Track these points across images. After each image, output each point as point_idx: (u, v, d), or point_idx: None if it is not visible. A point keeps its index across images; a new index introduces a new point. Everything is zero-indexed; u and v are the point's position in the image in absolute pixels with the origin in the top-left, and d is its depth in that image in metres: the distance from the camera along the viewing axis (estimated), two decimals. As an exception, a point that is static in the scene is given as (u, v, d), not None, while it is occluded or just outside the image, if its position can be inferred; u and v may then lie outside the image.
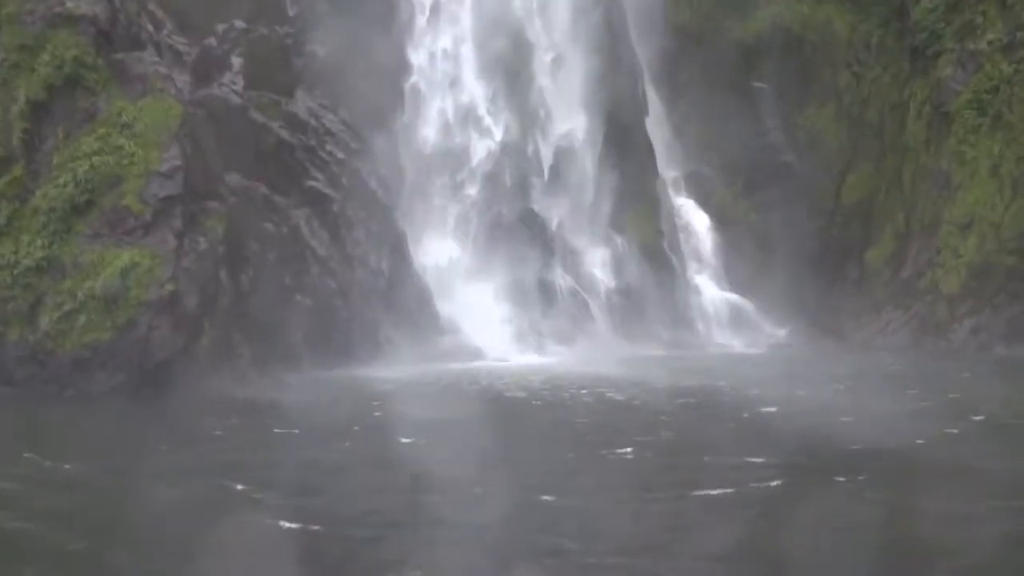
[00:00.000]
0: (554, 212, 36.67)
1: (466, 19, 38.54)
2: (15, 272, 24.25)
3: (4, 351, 24.39)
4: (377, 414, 21.19)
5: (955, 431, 16.36)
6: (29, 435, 19.44)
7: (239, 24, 33.67)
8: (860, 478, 12.75)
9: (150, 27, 29.99)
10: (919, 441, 15.24)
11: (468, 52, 38.37)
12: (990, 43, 32.66)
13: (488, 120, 37.63)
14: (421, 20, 38.51)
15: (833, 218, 37.93)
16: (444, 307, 33.82)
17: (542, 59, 38.42)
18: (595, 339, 34.30)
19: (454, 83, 38.23)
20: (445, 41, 38.39)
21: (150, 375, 24.23)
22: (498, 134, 37.33)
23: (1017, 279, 29.41)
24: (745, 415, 19.09)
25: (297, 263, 31.07)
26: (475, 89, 38.16)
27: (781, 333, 36.06)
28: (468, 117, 37.83)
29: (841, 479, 12.72)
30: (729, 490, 12.29)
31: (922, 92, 35.20)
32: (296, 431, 18.70)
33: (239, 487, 13.20)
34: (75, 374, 24.14)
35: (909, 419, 17.29)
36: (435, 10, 38.85)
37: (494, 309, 34.59)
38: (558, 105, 37.94)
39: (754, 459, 14.26)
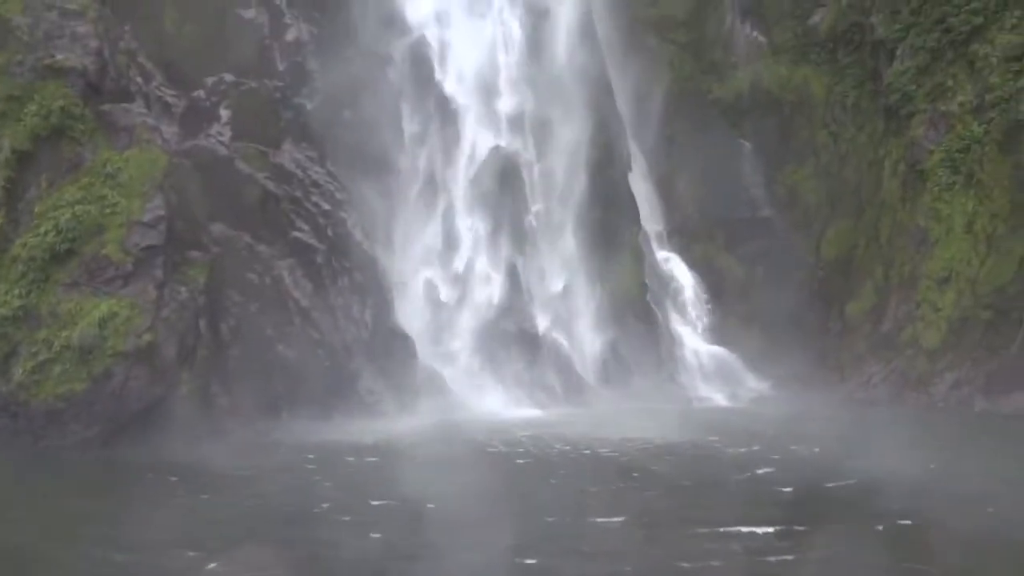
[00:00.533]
0: (537, 265, 36.83)
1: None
2: (-9, 322, 23.94)
3: (-25, 402, 23.91)
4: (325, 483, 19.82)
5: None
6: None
7: (228, 77, 34.09)
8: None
9: (139, 79, 30.35)
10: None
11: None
12: (960, 105, 33.64)
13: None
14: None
15: (814, 272, 38.37)
16: (428, 360, 33.57)
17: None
18: (580, 392, 34.09)
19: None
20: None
21: (125, 426, 23.77)
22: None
23: (994, 333, 29.67)
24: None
25: (279, 313, 30.87)
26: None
27: (764, 386, 36.03)
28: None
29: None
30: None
31: (897, 151, 36.07)
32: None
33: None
34: (49, 425, 23.65)
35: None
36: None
37: (477, 362, 34.40)
38: (545, 167, 38.32)
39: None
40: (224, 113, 34.33)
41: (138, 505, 17.21)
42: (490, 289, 35.93)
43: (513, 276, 36.05)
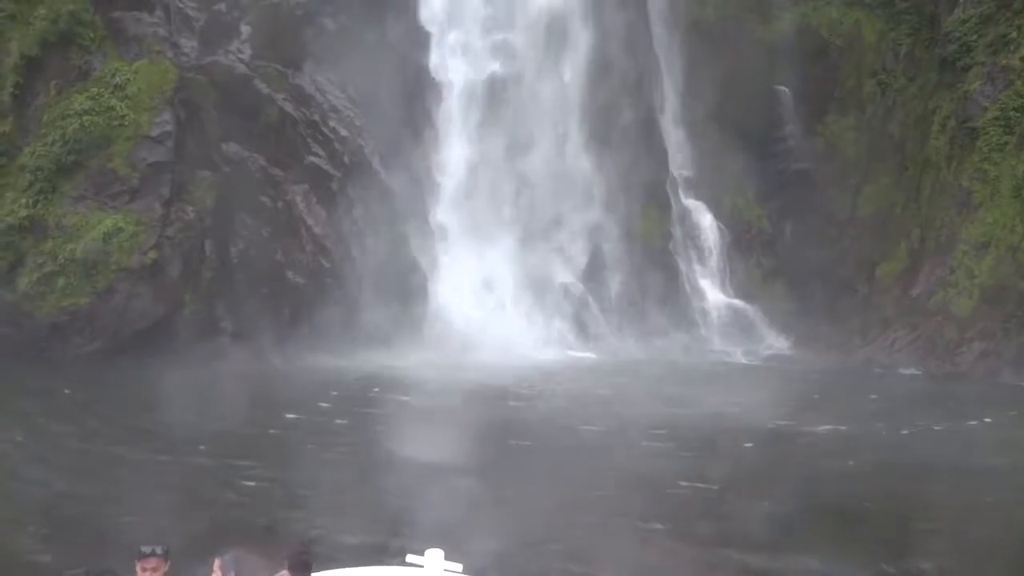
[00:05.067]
0: (560, 208, 35.70)
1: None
2: (-2, 230, 23.75)
3: (-18, 310, 23.94)
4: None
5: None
6: None
7: (250, -9, 32.89)
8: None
9: (158, -12, 29.28)
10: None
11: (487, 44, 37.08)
12: (1023, 59, 31.37)
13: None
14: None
15: (846, 230, 36.79)
16: (440, 296, 33.02)
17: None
18: (593, 340, 33.42)
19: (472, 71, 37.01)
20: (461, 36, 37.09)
21: (128, 343, 23.70)
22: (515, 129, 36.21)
23: (1031, 305, 28.25)
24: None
25: (290, 239, 30.36)
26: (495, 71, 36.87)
27: (783, 344, 35.03)
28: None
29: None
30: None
31: (948, 105, 33.94)
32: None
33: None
34: (52, 337, 23.66)
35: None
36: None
37: (490, 302, 33.77)
38: (577, 102, 36.71)
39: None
40: (245, 29, 33.19)
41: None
42: (510, 229, 34.99)
43: (533, 216, 35.07)
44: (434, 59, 36.36)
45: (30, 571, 9.30)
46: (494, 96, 36.31)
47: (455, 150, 35.97)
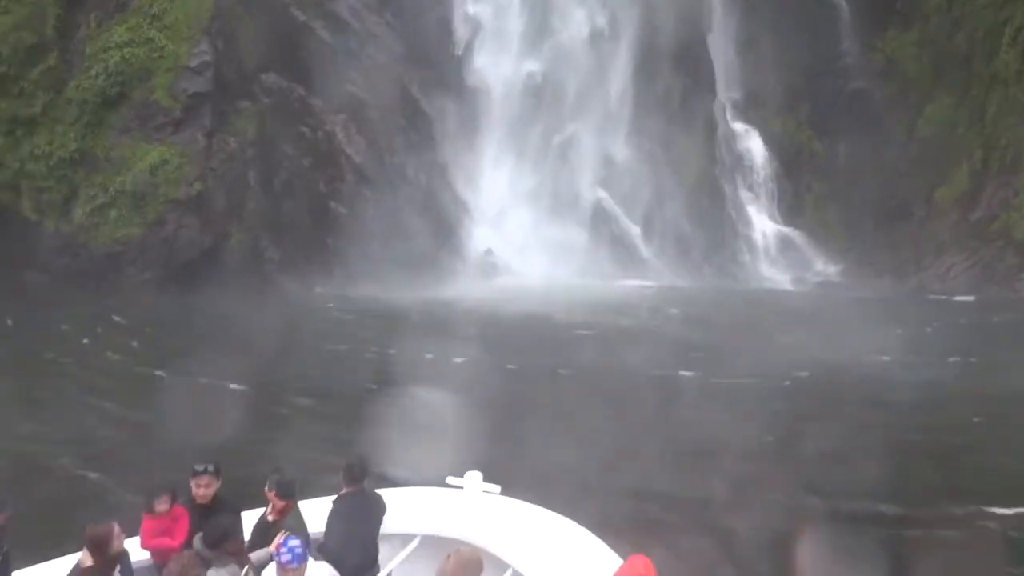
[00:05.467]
0: (602, 133, 34.87)
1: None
2: (50, 163, 24.41)
3: (41, 241, 24.84)
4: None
5: None
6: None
7: (283, -85, 32.14)
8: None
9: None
10: None
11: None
12: (1107, -39, 28.91)
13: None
14: None
15: (905, 152, 35.16)
16: (482, 224, 32.96)
17: None
18: (635, 267, 33.05)
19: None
20: None
21: (178, 272, 24.41)
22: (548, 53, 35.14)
23: (1101, 229, 26.83)
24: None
25: (332, 169, 30.52)
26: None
27: (833, 271, 34.15)
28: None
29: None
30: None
31: (1021, 16, 31.64)
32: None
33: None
34: (108, 267, 24.50)
35: None
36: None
37: (533, 230, 33.57)
38: (615, 17, 35.39)
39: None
40: (279, -45, 32.68)
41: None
42: (551, 154, 34.42)
43: (575, 140, 34.39)
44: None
45: (83, 490, 9.82)
46: (534, 12, 35.32)
47: (497, 69, 35.21)
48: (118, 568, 4.74)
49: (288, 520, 5.30)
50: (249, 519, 5.48)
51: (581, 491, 9.11)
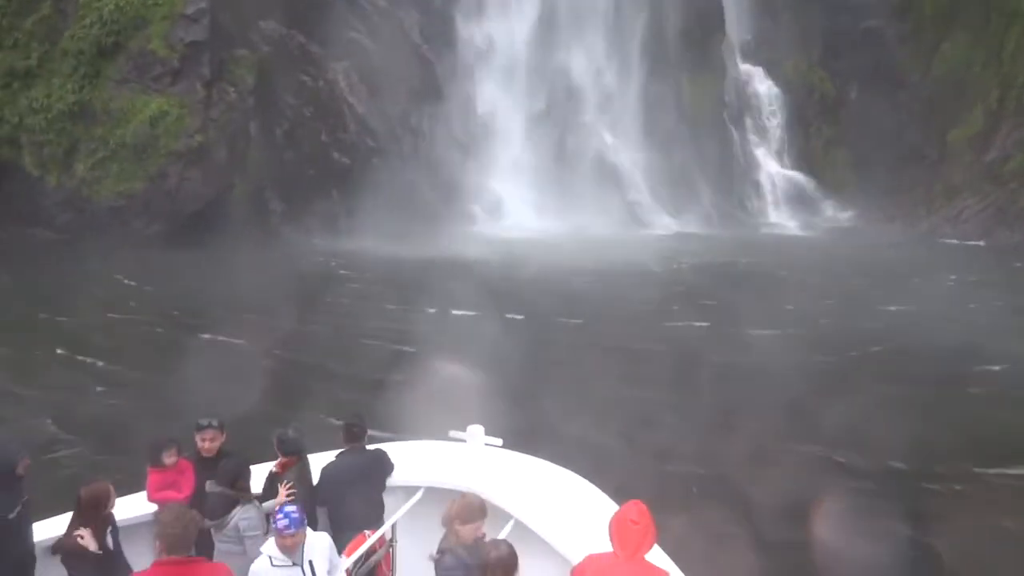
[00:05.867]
0: (605, 76, 34.10)
1: None
2: (49, 116, 24.11)
3: (45, 196, 24.71)
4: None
5: None
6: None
7: None
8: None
9: None
10: None
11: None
12: None
13: None
14: None
15: (918, 92, 34.36)
16: (484, 171, 32.57)
17: None
18: (640, 215, 32.72)
19: None
20: None
21: (183, 225, 24.28)
22: None
23: (1118, 169, 26.30)
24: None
25: (334, 119, 30.05)
26: None
27: (843, 216, 33.79)
28: None
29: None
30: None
31: (1043, -53, 30.50)
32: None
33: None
34: (112, 221, 24.39)
35: None
36: None
37: (539, 180, 33.17)
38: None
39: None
40: None
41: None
42: (548, 99, 33.73)
43: (578, 89, 33.69)
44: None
45: (88, 451, 9.89)
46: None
47: (498, 23, 34.34)
48: (109, 529, 4.79)
49: (289, 473, 5.38)
50: (259, 472, 5.53)
51: (579, 446, 9.13)
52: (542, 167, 32.89)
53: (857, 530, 7.78)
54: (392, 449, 5.95)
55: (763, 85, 35.74)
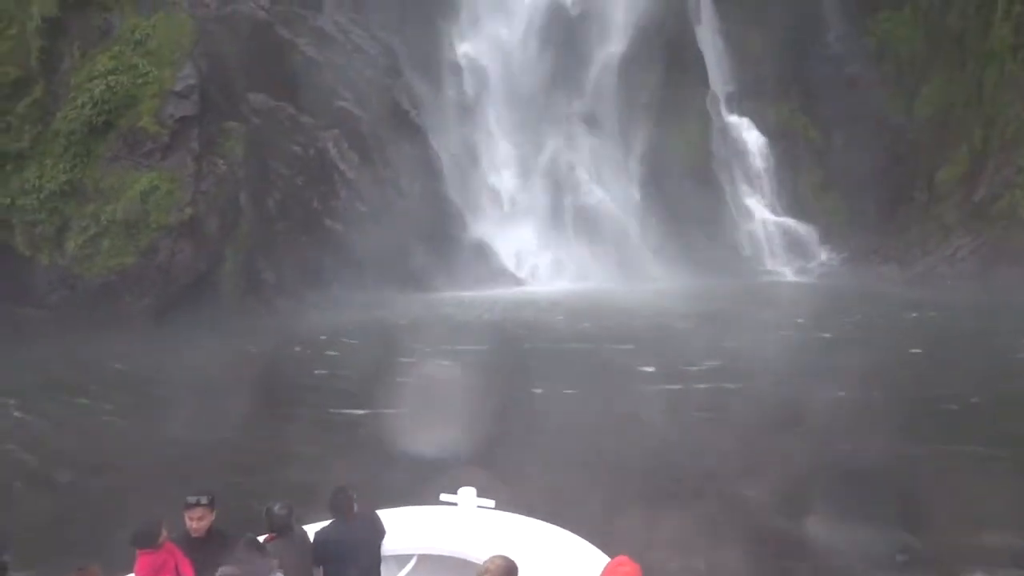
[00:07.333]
0: (591, 134, 34.57)
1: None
2: (41, 196, 24.21)
3: (36, 275, 24.63)
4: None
5: None
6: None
7: (264, -66, 32.01)
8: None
9: (170, -61, 28.70)
10: None
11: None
12: (1097, -69, 28.50)
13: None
14: None
15: (902, 135, 34.76)
16: (478, 232, 32.71)
17: None
18: (635, 266, 32.70)
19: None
20: None
21: (175, 299, 24.16)
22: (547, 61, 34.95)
23: (1107, 202, 26.37)
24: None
25: (325, 186, 30.29)
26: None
27: (837, 260, 33.77)
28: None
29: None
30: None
31: (1012, -10, 31.24)
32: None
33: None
34: (104, 297, 24.25)
35: None
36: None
37: (529, 233, 33.32)
38: (603, 14, 35.19)
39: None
40: (261, -26, 32.52)
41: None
42: (542, 155, 34.19)
43: (568, 140, 34.11)
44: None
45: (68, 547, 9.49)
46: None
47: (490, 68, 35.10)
48: None
49: (270, 546, 5.22)
50: None
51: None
52: (535, 224, 33.06)
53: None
54: (381, 516, 5.84)
55: (750, 135, 36.18)
